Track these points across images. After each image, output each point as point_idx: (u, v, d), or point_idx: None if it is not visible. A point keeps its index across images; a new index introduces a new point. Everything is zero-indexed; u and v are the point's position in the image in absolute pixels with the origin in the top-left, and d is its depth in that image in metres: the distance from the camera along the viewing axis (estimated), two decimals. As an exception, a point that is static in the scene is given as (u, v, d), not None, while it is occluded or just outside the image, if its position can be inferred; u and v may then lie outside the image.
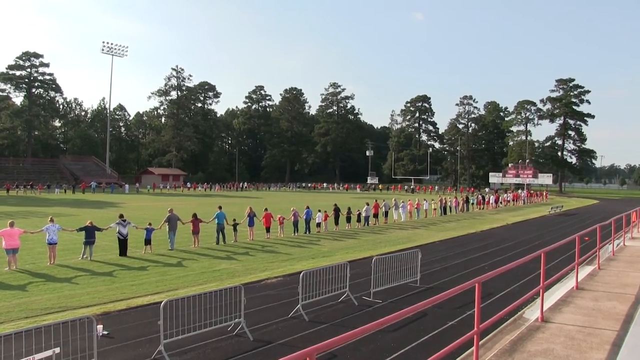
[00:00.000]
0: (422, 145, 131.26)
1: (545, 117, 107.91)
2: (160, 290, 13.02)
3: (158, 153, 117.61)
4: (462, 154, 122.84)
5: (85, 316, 7.76)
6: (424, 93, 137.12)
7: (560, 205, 48.86)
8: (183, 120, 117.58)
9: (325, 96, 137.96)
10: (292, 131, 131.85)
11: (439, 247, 21.76)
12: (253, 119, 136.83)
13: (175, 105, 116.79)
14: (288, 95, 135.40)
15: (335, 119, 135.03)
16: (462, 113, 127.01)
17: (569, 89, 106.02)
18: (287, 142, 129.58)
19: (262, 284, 13.93)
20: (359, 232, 27.03)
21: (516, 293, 12.45)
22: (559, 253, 16.99)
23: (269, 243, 21.92)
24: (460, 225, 31.60)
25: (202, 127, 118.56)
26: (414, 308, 4.52)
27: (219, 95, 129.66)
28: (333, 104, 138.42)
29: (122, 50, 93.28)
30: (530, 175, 76.74)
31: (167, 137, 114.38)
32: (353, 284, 12.84)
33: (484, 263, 17.49)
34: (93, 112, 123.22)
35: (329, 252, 19.80)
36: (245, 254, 19.05)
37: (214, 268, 16.16)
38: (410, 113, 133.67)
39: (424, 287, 13.59)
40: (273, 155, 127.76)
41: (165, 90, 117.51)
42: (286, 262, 17.57)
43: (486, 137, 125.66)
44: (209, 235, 22.49)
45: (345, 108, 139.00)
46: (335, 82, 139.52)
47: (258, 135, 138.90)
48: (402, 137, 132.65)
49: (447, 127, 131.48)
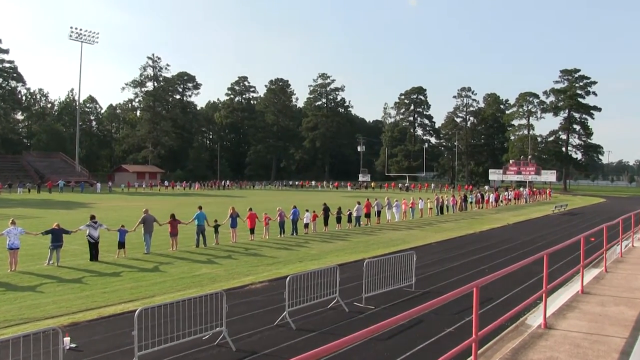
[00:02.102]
0: (417, 141, 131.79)
1: (549, 110, 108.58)
2: (135, 298, 12.91)
3: (133, 149, 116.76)
4: (460, 149, 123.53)
5: (50, 328, 7.60)
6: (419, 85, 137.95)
7: (565, 204, 49.31)
8: (160, 113, 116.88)
9: (313, 88, 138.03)
10: (278, 125, 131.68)
11: (436, 249, 21.82)
12: (236, 113, 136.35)
13: (151, 97, 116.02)
14: (274, 86, 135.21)
15: (324, 112, 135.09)
16: (460, 106, 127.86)
17: (574, 80, 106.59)
18: (273, 137, 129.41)
19: (246, 290, 13.87)
20: (349, 233, 27.03)
21: (518, 298, 12.51)
22: (563, 255, 17.11)
23: (253, 245, 21.84)
24: (458, 226, 31.74)
25: (180, 121, 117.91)
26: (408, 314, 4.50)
27: (199, 86, 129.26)
28: (322, 96, 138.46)
29: (92, 37, 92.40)
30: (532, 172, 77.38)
31: (143, 132, 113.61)
32: (343, 289, 12.82)
33: (483, 266, 17.58)
34: (60, 105, 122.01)
35: (317, 255, 19.78)
36: (227, 257, 18.98)
37: (194, 273, 16.07)
38: (405, 106, 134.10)
39: (419, 292, 13.61)
40: (258, 151, 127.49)
41: (140, 81, 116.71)
42: (272, 265, 17.52)
43: (486, 132, 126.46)
44: (188, 237, 22.34)
45: (335, 100, 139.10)
46: (324, 72, 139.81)
47: (241, 129, 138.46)
48: (395, 131, 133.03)
49: (444, 121, 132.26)
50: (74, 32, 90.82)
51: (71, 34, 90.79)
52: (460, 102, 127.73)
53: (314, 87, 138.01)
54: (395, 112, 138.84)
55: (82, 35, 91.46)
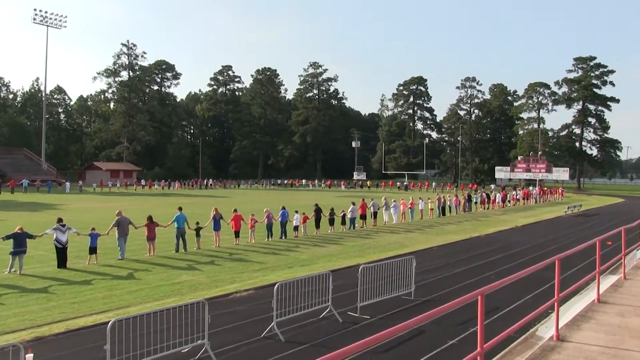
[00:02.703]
0: (417, 135, 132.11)
1: (561, 101, 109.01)
2: (108, 309, 12.84)
3: (106, 145, 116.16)
4: (463, 145, 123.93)
5: (10, 344, 7.49)
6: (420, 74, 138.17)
7: (579, 205, 49.59)
8: (136, 105, 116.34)
9: (304, 78, 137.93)
10: (266, 119, 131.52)
11: (437, 254, 21.88)
12: (219, 105, 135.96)
13: (126, 88, 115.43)
14: (261, 76, 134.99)
15: (315, 104, 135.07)
16: (464, 97, 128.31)
17: (590, 68, 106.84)
18: (260, 132, 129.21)
19: (230, 299, 13.85)
20: (343, 236, 27.05)
21: (527, 307, 12.56)
22: (577, 260, 17.20)
23: (238, 250, 21.84)
24: (461, 228, 31.85)
25: (159, 114, 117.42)
26: (407, 325, 4.48)
27: (179, 76, 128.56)
28: (313, 87, 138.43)
29: (60, 21, 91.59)
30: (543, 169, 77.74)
31: (117, 126, 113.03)
32: (337, 298, 12.82)
33: (489, 272, 17.64)
34: (24, 95, 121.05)
35: (308, 260, 19.79)
36: (210, 263, 18.96)
37: (173, 280, 16.03)
38: (404, 97, 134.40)
39: (419, 300, 13.63)
40: (243, 147, 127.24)
41: (114, 70, 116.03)
42: (258, 272, 17.51)
43: (492, 126, 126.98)
44: (167, 241, 22.27)
45: (328, 92, 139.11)
46: (315, 61, 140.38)
47: (225, 123, 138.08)
48: (393, 125, 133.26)
49: (446, 114, 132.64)
50: (38, 15, 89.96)
51: (35, 17, 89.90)
52: (464, 94, 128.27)
53: (304, 77, 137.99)
54: (393, 105, 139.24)
55: (48, 18, 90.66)
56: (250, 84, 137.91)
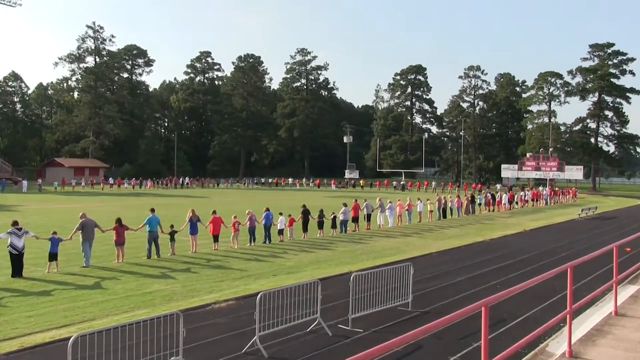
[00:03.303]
0: (415, 130, 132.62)
1: (575, 93, 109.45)
2: (70, 322, 12.72)
3: (69, 139, 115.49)
4: (466, 140, 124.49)
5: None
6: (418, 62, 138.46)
7: (594, 207, 49.81)
8: (103, 95, 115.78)
9: (291, 66, 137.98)
10: (248, 111, 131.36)
11: (437, 260, 21.92)
12: (197, 95, 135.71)
13: (92, 76, 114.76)
14: (243, 64, 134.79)
15: (303, 95, 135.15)
16: (467, 88, 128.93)
17: (607, 56, 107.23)
18: (242, 125, 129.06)
19: (208, 310, 13.78)
20: (334, 241, 27.05)
21: (536, 319, 12.59)
22: (592, 268, 17.28)
23: (218, 256, 21.79)
24: (464, 232, 31.97)
25: (129, 104, 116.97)
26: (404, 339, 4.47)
27: (152, 63, 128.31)
28: (301, 76, 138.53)
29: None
30: (554, 167, 78.20)
31: (82, 118, 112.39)
32: (326, 309, 12.80)
33: (494, 280, 17.69)
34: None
35: (294, 268, 19.78)
36: (185, 270, 18.89)
37: (144, 290, 15.96)
38: (401, 88, 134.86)
39: (417, 312, 13.64)
40: (223, 142, 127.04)
41: (78, 55, 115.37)
42: (239, 280, 17.47)
43: (498, 119, 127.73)
44: (138, 247, 22.16)
45: (317, 81, 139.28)
46: (303, 47, 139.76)
47: (204, 116, 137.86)
48: (389, 119, 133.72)
49: (447, 107, 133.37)
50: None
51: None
52: (468, 84, 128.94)
53: (291, 65, 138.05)
54: (389, 96, 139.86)
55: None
56: (231, 72, 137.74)
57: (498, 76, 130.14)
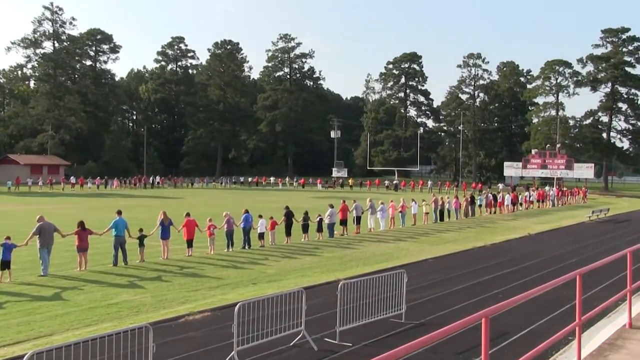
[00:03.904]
0: (409, 124, 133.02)
1: (586, 83, 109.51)
2: (24, 339, 12.61)
3: (25, 133, 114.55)
4: (465, 135, 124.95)
5: None
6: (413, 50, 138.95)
7: (606, 209, 49.97)
8: (64, 85, 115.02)
9: (272, 53, 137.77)
10: (226, 103, 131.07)
11: (433, 267, 21.99)
12: (169, 85, 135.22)
13: (50, 63, 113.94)
14: (219, 51, 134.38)
15: (286, 85, 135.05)
16: (467, 78, 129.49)
17: (621, 42, 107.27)
18: (219, 119, 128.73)
19: (181, 323, 13.75)
20: (320, 246, 27.09)
21: (542, 332, 12.66)
22: (604, 276, 17.40)
23: (192, 263, 21.75)
24: (462, 236, 32.11)
25: (93, 95, 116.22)
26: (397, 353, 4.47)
27: (118, 49, 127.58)
28: (284, 65, 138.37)
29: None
30: (562, 165, 78.73)
31: (39, 110, 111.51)
32: (311, 321, 12.79)
33: (496, 289, 17.77)
34: None
35: (277, 275, 19.79)
36: (156, 279, 18.86)
37: (110, 301, 15.89)
38: (394, 78, 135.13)
39: (411, 324, 13.67)
40: (198, 137, 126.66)
41: (34, 39, 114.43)
42: (216, 289, 17.46)
43: (500, 113, 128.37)
44: (103, 253, 22.08)
45: (301, 70, 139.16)
46: (286, 33, 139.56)
47: (176, 108, 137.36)
48: (381, 112, 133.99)
49: (445, 99, 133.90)
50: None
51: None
52: (467, 74, 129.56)
53: (273, 52, 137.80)
54: (381, 86, 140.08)
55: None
56: (207, 60, 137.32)
57: (500, 65, 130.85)
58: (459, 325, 5.29)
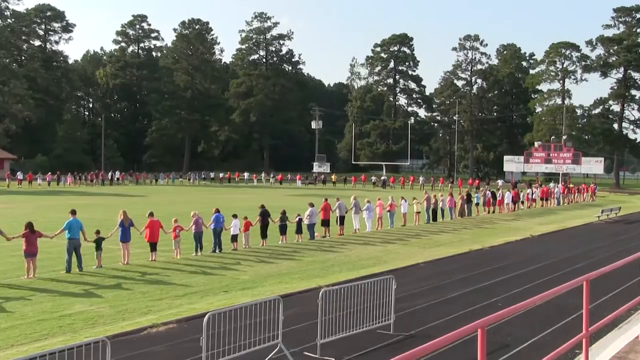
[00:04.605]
0: (399, 113, 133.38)
1: (595, 68, 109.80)
2: (-37, 356, 12.53)
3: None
4: (461, 126, 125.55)
5: None
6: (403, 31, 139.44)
7: (617, 208, 50.27)
8: (8, 67, 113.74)
9: (246, 34, 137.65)
10: (194, 89, 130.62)
11: (425, 272, 22.07)
12: (130, 70, 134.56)
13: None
14: (187, 31, 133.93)
15: (262, 70, 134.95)
16: (463, 63, 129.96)
17: (635, 23, 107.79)
18: (186, 107, 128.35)
19: (143, 336, 13.71)
20: (299, 249, 27.10)
21: (545, 344, 12.72)
22: (614, 282, 17.44)
23: (155, 269, 21.69)
24: (457, 238, 32.27)
25: (42, 80, 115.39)
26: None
27: (72, 28, 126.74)
28: (259, 47, 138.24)
29: None
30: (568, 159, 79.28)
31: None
32: (289, 332, 12.80)
33: (494, 297, 17.87)
34: None
35: (251, 282, 19.79)
36: (115, 286, 18.77)
37: (62, 312, 15.77)
38: (382, 62, 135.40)
39: (400, 336, 13.71)
40: (163, 127, 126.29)
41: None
42: (183, 298, 17.43)
43: (500, 101, 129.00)
44: (55, 258, 21.97)
45: (279, 54, 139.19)
46: (262, 11, 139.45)
47: (138, 95, 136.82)
48: (367, 100, 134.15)
49: (438, 85, 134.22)
50: None
51: None
52: (463, 57, 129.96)
53: (247, 33, 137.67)
54: (368, 72, 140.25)
55: None
56: (173, 42, 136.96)
57: (500, 48, 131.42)
58: (453, 337, 5.30)
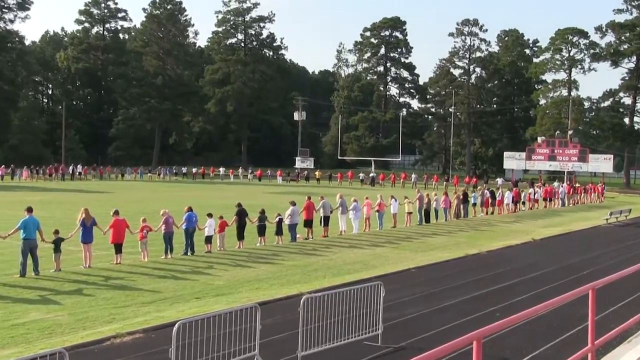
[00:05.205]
0: (390, 105, 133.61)
1: (605, 56, 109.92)
2: None
3: None
4: (458, 119, 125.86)
5: None
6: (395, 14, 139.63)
7: (627, 210, 50.37)
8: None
9: (223, 16, 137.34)
10: (165, 75, 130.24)
11: (417, 279, 22.12)
12: (94, 53, 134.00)
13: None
14: (158, 11, 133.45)
15: (240, 56, 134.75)
16: (460, 50, 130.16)
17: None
18: (157, 96, 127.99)
19: (106, 347, 13.67)
20: (279, 252, 27.10)
21: (548, 358, 12.80)
22: (623, 291, 17.58)
23: (121, 272, 21.64)
24: (453, 242, 32.35)
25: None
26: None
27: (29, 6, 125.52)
28: (237, 31, 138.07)
29: None
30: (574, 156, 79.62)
31: None
32: (267, 343, 12.81)
33: (492, 306, 17.92)
34: None
35: (226, 288, 19.79)
36: (75, 292, 18.72)
37: (15, 320, 15.72)
38: (371, 48, 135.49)
39: (389, 348, 13.73)
40: (130, 117, 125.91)
41: None
42: (150, 305, 17.40)
43: (500, 92, 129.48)
44: (8, 260, 21.98)
45: (259, 38, 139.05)
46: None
47: (103, 81, 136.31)
48: (355, 89, 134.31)
49: (433, 74, 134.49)
50: None
51: None
52: (461, 44, 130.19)
53: (224, 14, 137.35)
54: (356, 59, 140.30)
55: None
56: (142, 23, 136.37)
57: (501, 34, 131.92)
58: (447, 349, 5.29)
